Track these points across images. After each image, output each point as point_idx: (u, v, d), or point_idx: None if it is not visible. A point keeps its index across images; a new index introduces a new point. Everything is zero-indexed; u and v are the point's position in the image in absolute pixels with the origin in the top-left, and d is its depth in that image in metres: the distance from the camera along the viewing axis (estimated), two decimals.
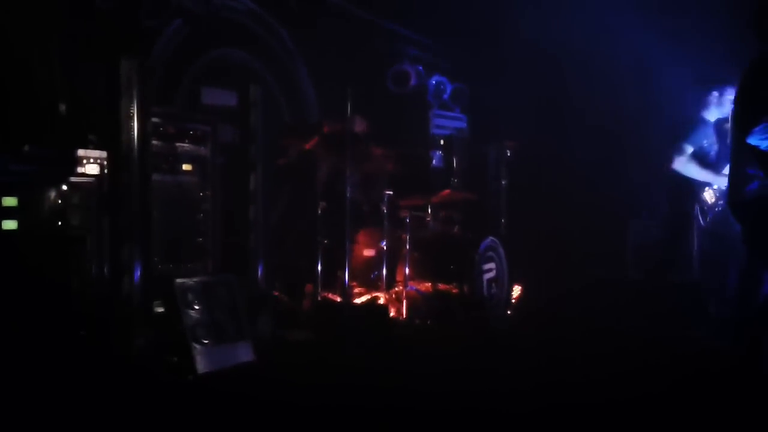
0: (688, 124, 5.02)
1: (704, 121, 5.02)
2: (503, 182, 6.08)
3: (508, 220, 6.05)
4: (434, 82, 6.95)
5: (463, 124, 7.11)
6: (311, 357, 4.07)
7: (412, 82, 6.70)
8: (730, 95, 4.87)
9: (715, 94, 5.00)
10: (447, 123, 6.97)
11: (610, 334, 4.78)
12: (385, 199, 5.00)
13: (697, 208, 5.07)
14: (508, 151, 6.10)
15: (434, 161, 6.57)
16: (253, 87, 5.04)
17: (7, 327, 3.30)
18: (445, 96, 7.04)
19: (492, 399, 3.33)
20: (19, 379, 3.13)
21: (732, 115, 3.67)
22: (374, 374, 3.75)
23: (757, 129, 3.13)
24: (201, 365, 3.62)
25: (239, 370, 3.76)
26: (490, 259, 5.13)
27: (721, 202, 5.04)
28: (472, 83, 7.23)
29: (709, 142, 5.00)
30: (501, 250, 5.26)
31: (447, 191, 5.34)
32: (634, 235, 6.33)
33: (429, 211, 5.35)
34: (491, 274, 5.12)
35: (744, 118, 3.32)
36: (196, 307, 3.79)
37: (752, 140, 3.19)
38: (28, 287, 3.42)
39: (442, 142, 6.77)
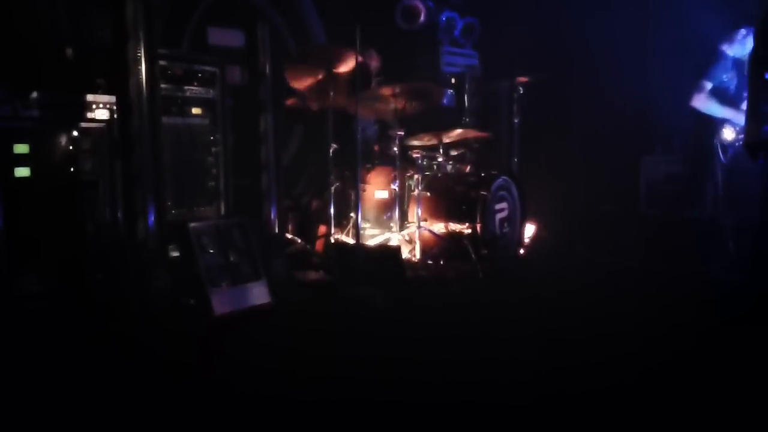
0: (710, 59, 4.99)
1: (724, 56, 4.98)
2: (515, 120, 5.99)
3: (520, 159, 5.99)
4: (444, 18, 6.78)
5: (474, 61, 6.96)
6: (325, 298, 4.13)
7: (422, 17, 6.55)
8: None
9: (743, 32, 4.93)
10: (458, 60, 6.83)
11: (623, 271, 4.81)
12: (397, 140, 4.95)
13: (717, 144, 5.03)
14: (520, 88, 5.98)
15: (445, 100, 6.47)
16: (260, 26, 4.95)
17: (25, 274, 3.35)
18: (456, 32, 6.88)
19: (499, 340, 3.37)
20: (36, 324, 3.19)
21: (751, 53, 3.63)
22: (387, 314, 3.80)
23: None
24: (217, 307, 3.68)
25: (256, 311, 3.82)
26: (502, 199, 5.11)
27: (741, 137, 5.00)
28: (483, 18, 7.06)
29: (729, 76, 4.98)
30: (514, 189, 5.23)
31: (459, 130, 5.27)
32: (647, 171, 6.28)
33: (441, 150, 5.29)
34: (504, 214, 5.11)
35: (764, 54, 3.33)
36: (211, 251, 3.83)
37: None
38: (44, 233, 3.46)
39: (453, 80, 6.66)
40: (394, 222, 4.97)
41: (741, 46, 4.94)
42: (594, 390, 2.70)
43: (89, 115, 3.70)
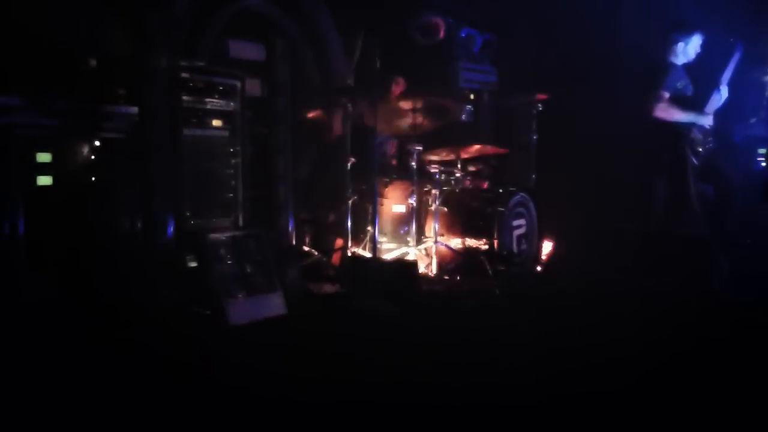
0: (659, 71, 5.10)
1: (674, 66, 5.12)
2: (533, 136, 5.98)
3: (538, 175, 5.97)
4: (464, 34, 6.80)
5: (492, 78, 6.97)
6: (339, 310, 4.11)
7: (441, 34, 6.57)
8: (695, 42, 5.11)
9: (681, 44, 5.12)
10: (476, 77, 6.85)
11: (637, 289, 4.76)
12: (414, 154, 4.94)
13: (687, 148, 5.11)
14: (538, 104, 5.98)
15: (464, 116, 6.48)
16: (279, 40, 4.99)
17: (44, 280, 3.37)
18: (475, 49, 6.89)
19: (510, 355, 3.34)
20: (53, 329, 3.20)
21: None
22: (402, 330, 3.77)
23: None
24: (232, 317, 3.67)
25: (270, 322, 3.81)
26: (519, 215, 5.09)
27: (710, 139, 5.16)
28: (502, 36, 7.07)
29: (683, 83, 5.12)
30: (531, 206, 5.21)
31: (476, 146, 5.26)
32: (660, 189, 6.24)
33: (458, 166, 5.29)
34: (521, 230, 5.08)
35: None
36: (228, 261, 3.83)
37: None
38: (63, 241, 3.48)
39: (471, 96, 6.67)
40: (411, 236, 4.97)
41: (684, 55, 5.13)
42: (594, 392, 2.73)
43: (110, 124, 3.73)
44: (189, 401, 2.65)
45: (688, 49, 5.12)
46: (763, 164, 4.79)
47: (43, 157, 3.44)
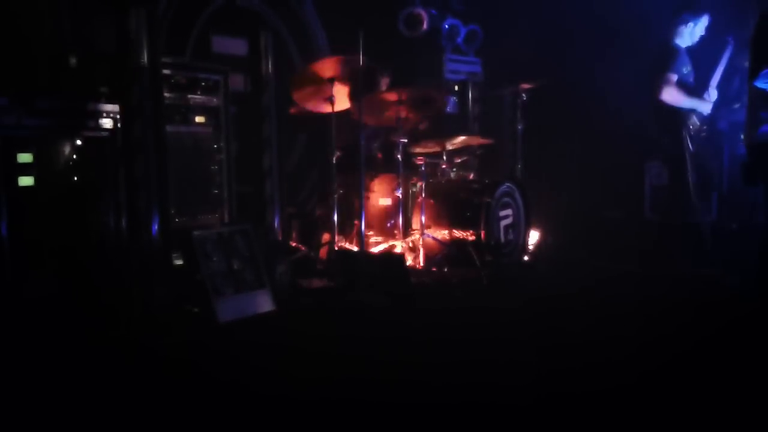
0: (666, 54, 5.08)
1: (679, 49, 5.09)
2: (519, 126, 5.98)
3: (524, 165, 5.98)
4: (447, 25, 6.78)
5: (477, 68, 6.97)
6: (329, 305, 4.12)
7: (425, 25, 6.55)
8: (703, 23, 5.09)
9: (690, 25, 5.08)
10: (461, 67, 6.84)
11: (626, 276, 4.80)
12: (400, 147, 4.94)
13: (685, 135, 5.10)
14: (523, 94, 5.97)
15: (449, 107, 6.48)
16: (263, 34, 4.97)
17: (29, 281, 3.35)
18: (459, 39, 6.88)
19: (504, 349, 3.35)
20: (40, 329, 3.19)
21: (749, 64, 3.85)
22: (390, 320, 3.79)
23: (762, 73, 3.50)
24: (221, 314, 3.67)
25: (259, 318, 3.81)
26: (506, 205, 5.10)
27: (705, 127, 5.20)
28: (486, 25, 7.07)
29: (687, 69, 5.11)
30: (518, 196, 5.22)
31: (462, 137, 5.26)
32: (651, 176, 6.28)
33: (444, 157, 5.29)
34: (508, 220, 5.10)
35: (753, 64, 3.64)
36: (215, 258, 3.83)
37: (758, 83, 3.58)
38: (48, 241, 3.46)
39: (456, 87, 6.67)
40: (398, 229, 4.97)
41: (690, 37, 5.11)
42: (593, 391, 2.71)
43: (93, 123, 3.70)
44: (183, 399, 2.66)
45: (696, 30, 5.08)
46: None
47: (25, 158, 3.41)
